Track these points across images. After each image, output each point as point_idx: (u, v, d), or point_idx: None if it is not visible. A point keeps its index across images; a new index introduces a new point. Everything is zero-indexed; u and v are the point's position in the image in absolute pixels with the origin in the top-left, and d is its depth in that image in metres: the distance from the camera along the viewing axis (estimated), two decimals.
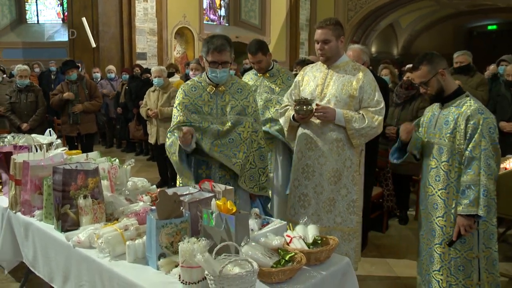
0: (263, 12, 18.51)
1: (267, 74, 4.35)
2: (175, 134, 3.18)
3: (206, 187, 2.69)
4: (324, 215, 3.44)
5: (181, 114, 3.23)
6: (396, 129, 5.26)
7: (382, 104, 3.32)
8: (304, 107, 3.34)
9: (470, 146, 2.85)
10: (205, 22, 17.19)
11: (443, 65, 3.02)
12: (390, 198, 5.18)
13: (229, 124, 3.22)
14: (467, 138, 2.88)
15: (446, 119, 2.99)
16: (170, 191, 2.29)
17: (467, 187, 2.84)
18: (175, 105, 3.33)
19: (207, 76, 3.29)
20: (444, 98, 3.05)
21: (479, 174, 2.82)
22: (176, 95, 3.37)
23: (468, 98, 2.99)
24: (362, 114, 3.31)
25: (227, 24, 18.90)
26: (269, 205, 3.96)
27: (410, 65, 6.55)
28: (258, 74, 4.40)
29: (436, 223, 3.06)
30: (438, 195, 3.03)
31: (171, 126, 3.28)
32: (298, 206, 3.53)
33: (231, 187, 2.70)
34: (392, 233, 5.28)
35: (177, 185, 3.27)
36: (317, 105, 3.34)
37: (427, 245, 3.16)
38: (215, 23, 18.50)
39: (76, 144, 7.18)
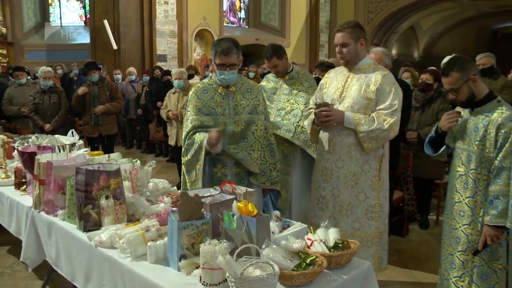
0: (283, 14, 18.50)
1: (287, 77, 4.34)
2: (195, 139, 3.26)
3: (227, 189, 2.69)
4: (341, 219, 3.40)
5: (196, 118, 3.33)
6: (417, 134, 5.22)
7: (395, 107, 3.21)
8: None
9: (500, 155, 2.76)
10: (225, 24, 17.26)
11: (475, 70, 2.91)
12: (410, 202, 5.12)
13: (242, 123, 3.33)
14: (497, 147, 2.78)
15: (476, 126, 2.90)
16: (192, 192, 2.30)
17: (495, 197, 2.76)
18: (188, 109, 3.40)
19: (217, 78, 3.38)
20: (474, 104, 2.94)
21: (509, 184, 2.73)
22: (188, 99, 3.43)
23: (500, 104, 2.88)
24: (373, 117, 3.23)
25: (247, 27, 18.95)
26: (286, 206, 3.99)
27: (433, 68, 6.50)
28: (279, 78, 4.40)
29: (462, 230, 2.99)
30: (466, 203, 2.96)
31: (187, 131, 3.35)
32: (317, 208, 3.54)
33: (251, 190, 2.70)
34: (412, 237, 5.22)
35: (186, 186, 3.33)
36: (320, 110, 3.29)
37: (447, 250, 3.10)
38: (235, 25, 18.56)
39: (96, 145, 7.28)
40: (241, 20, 19.01)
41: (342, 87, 3.40)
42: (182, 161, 3.36)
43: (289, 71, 4.36)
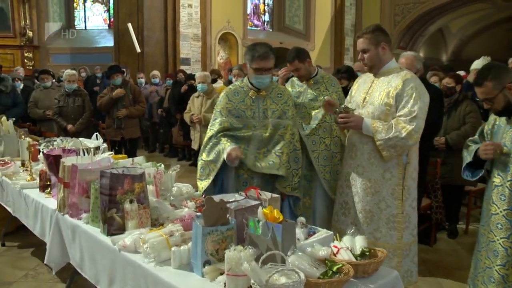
0: (308, 18, 18.48)
1: (311, 81, 4.31)
2: (221, 143, 3.36)
3: (252, 194, 2.69)
4: (362, 226, 3.36)
5: (226, 120, 3.45)
6: (445, 139, 5.15)
7: (415, 113, 3.13)
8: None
9: None
10: (249, 27, 17.32)
11: (511, 78, 2.82)
12: (439, 210, 5.04)
13: (270, 127, 3.42)
14: None
15: None
16: (217, 198, 2.31)
17: None
18: (217, 109, 3.50)
19: (249, 82, 3.48)
20: (510, 112, 2.85)
21: None
22: (219, 99, 3.53)
23: None
24: (391, 124, 3.17)
25: (271, 30, 18.98)
26: (310, 213, 3.97)
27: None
28: (303, 83, 4.37)
29: (500, 243, 2.90)
30: (503, 215, 2.88)
31: (215, 130, 3.44)
32: (340, 213, 3.55)
33: (277, 195, 2.70)
34: (440, 247, 5.13)
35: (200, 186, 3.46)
36: (339, 115, 3.29)
37: (485, 263, 3.01)
38: (259, 28, 18.61)
39: (117, 148, 7.37)
40: (265, 23, 19.05)
41: (366, 93, 3.37)
42: (199, 157, 3.48)
43: (314, 75, 4.32)
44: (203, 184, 3.39)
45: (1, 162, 4.63)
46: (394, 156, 3.23)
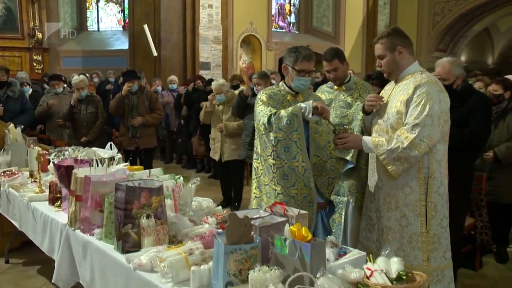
0: (337, 19, 18.49)
1: (343, 87, 4.31)
2: (289, 111, 3.28)
3: (278, 210, 2.69)
4: (385, 244, 3.36)
5: (272, 108, 3.42)
6: (493, 152, 5.07)
7: (418, 121, 3.11)
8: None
9: None
10: (273, 29, 17.41)
11: None
12: (484, 230, 4.94)
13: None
14: None
15: None
16: (240, 214, 2.31)
17: None
18: (259, 105, 3.52)
19: (286, 85, 3.63)
20: None
21: None
22: (258, 98, 3.57)
23: None
24: (395, 135, 3.20)
25: (297, 32, 19.04)
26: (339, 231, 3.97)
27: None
28: (334, 87, 4.37)
29: None
30: None
31: (268, 114, 3.35)
32: (366, 230, 3.60)
33: (305, 212, 2.69)
34: (487, 272, 5.03)
35: (252, 199, 3.52)
36: (338, 137, 3.37)
37: None
38: (284, 30, 18.69)
39: (131, 158, 7.41)
40: (291, 25, 19.13)
41: (386, 101, 3.43)
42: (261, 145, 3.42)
43: (347, 81, 4.33)
44: (303, 158, 3.29)
45: (8, 172, 4.68)
46: (402, 171, 3.23)
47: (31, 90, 9.64)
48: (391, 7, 19.08)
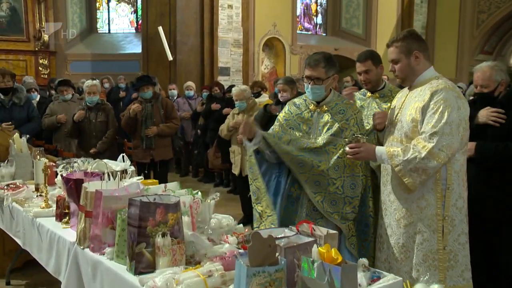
0: (368, 19, 18.46)
1: (377, 94, 4.31)
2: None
3: (305, 230, 2.69)
4: (396, 264, 3.38)
5: (278, 127, 3.88)
6: None
7: (436, 129, 3.14)
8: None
9: None
10: (298, 31, 17.47)
11: None
12: None
13: (320, 142, 3.68)
14: None
15: None
16: (264, 233, 2.32)
17: None
18: (278, 117, 3.96)
19: None
20: None
21: None
22: (282, 111, 3.92)
23: None
24: (411, 144, 3.23)
25: (324, 34, 19.08)
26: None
27: None
28: (367, 94, 4.36)
29: None
30: None
31: None
32: (376, 249, 3.63)
33: (334, 232, 2.68)
34: None
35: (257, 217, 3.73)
36: (349, 146, 3.44)
37: None
38: (310, 32, 18.73)
39: (147, 172, 7.44)
40: (318, 27, 19.16)
41: (399, 108, 3.48)
42: None
43: (381, 88, 4.32)
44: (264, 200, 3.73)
45: (12, 185, 4.70)
46: (420, 183, 3.25)
47: (38, 96, 9.76)
48: (429, 6, 18.92)
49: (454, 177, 3.29)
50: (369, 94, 4.35)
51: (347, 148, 3.46)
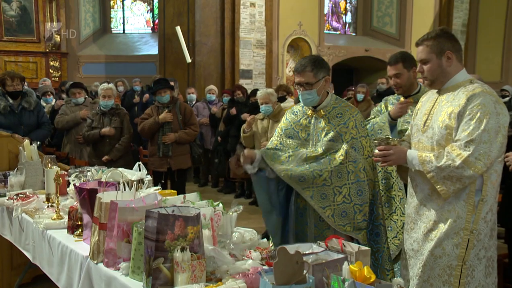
0: (402, 18, 18.31)
1: (411, 99, 4.29)
2: None
3: (335, 245, 2.68)
4: (414, 279, 3.37)
5: (276, 139, 4.09)
6: None
7: (473, 136, 3.10)
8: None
9: None
10: (326, 31, 17.44)
11: None
12: None
13: (319, 150, 3.82)
14: None
15: None
16: (291, 248, 2.31)
17: None
18: (277, 128, 4.19)
19: None
20: None
21: None
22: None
23: None
24: (445, 151, 3.19)
25: (353, 34, 19.03)
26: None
27: None
28: (400, 99, 4.34)
29: None
30: None
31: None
32: (402, 266, 3.62)
33: (366, 248, 2.67)
34: None
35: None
36: (378, 148, 3.43)
37: None
38: (338, 32, 18.69)
39: (163, 181, 7.46)
40: (347, 26, 19.11)
41: (428, 114, 3.43)
42: None
43: (415, 92, 4.30)
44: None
45: (22, 195, 4.72)
46: (454, 192, 3.22)
47: (54, 100, 9.84)
48: (470, 2, 18.66)
49: (490, 188, 3.26)
50: (402, 99, 4.33)
51: (376, 151, 3.46)
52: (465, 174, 3.12)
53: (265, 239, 3.40)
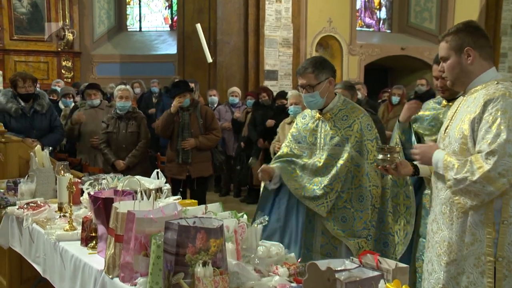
0: (444, 12, 18.13)
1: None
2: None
3: (369, 261, 2.67)
4: None
5: (287, 144, 4.38)
6: None
7: (494, 146, 2.90)
8: (388, 155, 3.48)
9: None
10: (358, 28, 17.40)
11: None
12: None
13: (325, 156, 4.07)
14: None
15: None
16: (322, 264, 2.31)
17: None
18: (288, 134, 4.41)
19: None
20: None
21: None
22: None
23: None
24: (468, 160, 3.00)
25: (388, 31, 18.97)
26: None
27: None
28: (442, 103, 4.29)
29: None
30: None
31: (276, 155, 4.49)
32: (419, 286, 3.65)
33: (405, 265, 2.66)
34: None
35: None
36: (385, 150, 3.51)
37: None
38: (372, 29, 18.66)
39: (181, 189, 7.45)
40: (381, 22, 19.05)
41: (450, 119, 3.33)
42: None
43: (460, 95, 4.26)
44: None
45: (33, 204, 4.74)
46: (471, 208, 3.04)
47: (73, 104, 9.87)
48: None
49: None
50: (444, 102, 4.26)
51: (379, 157, 3.50)
52: (486, 191, 2.95)
53: (293, 254, 3.38)
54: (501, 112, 2.95)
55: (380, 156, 3.49)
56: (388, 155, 3.46)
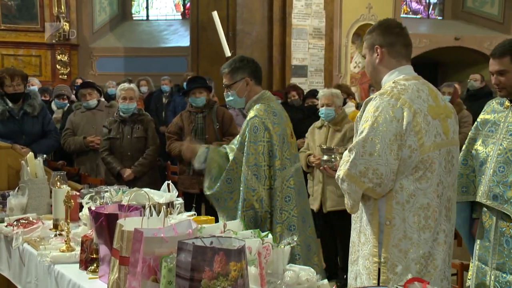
0: None
1: None
2: None
3: None
4: None
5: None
6: None
7: (353, 144, 3.34)
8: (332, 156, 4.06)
9: None
10: (402, 15, 17.32)
11: None
12: None
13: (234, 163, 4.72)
14: None
15: None
16: None
17: None
18: None
19: None
20: None
21: None
22: None
23: None
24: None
25: (440, 18, 18.84)
26: None
27: None
28: (505, 103, 4.26)
29: None
30: None
31: None
32: None
33: None
34: None
35: None
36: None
37: None
38: (419, 16, 18.58)
39: (194, 205, 7.43)
40: (431, 7, 18.94)
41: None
42: None
43: None
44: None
45: (24, 221, 4.76)
46: (353, 207, 3.48)
47: (68, 105, 9.80)
48: None
49: (396, 210, 3.36)
50: (507, 103, 4.23)
51: (323, 158, 4.22)
52: (351, 189, 3.37)
53: (325, 280, 3.39)
54: (373, 111, 3.37)
55: (325, 157, 4.05)
56: (332, 156, 4.03)
